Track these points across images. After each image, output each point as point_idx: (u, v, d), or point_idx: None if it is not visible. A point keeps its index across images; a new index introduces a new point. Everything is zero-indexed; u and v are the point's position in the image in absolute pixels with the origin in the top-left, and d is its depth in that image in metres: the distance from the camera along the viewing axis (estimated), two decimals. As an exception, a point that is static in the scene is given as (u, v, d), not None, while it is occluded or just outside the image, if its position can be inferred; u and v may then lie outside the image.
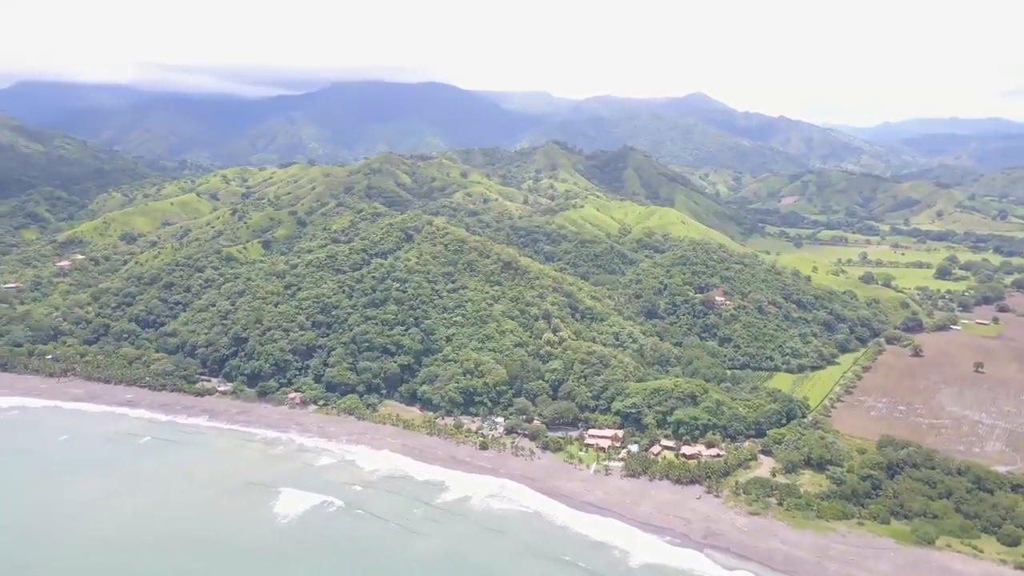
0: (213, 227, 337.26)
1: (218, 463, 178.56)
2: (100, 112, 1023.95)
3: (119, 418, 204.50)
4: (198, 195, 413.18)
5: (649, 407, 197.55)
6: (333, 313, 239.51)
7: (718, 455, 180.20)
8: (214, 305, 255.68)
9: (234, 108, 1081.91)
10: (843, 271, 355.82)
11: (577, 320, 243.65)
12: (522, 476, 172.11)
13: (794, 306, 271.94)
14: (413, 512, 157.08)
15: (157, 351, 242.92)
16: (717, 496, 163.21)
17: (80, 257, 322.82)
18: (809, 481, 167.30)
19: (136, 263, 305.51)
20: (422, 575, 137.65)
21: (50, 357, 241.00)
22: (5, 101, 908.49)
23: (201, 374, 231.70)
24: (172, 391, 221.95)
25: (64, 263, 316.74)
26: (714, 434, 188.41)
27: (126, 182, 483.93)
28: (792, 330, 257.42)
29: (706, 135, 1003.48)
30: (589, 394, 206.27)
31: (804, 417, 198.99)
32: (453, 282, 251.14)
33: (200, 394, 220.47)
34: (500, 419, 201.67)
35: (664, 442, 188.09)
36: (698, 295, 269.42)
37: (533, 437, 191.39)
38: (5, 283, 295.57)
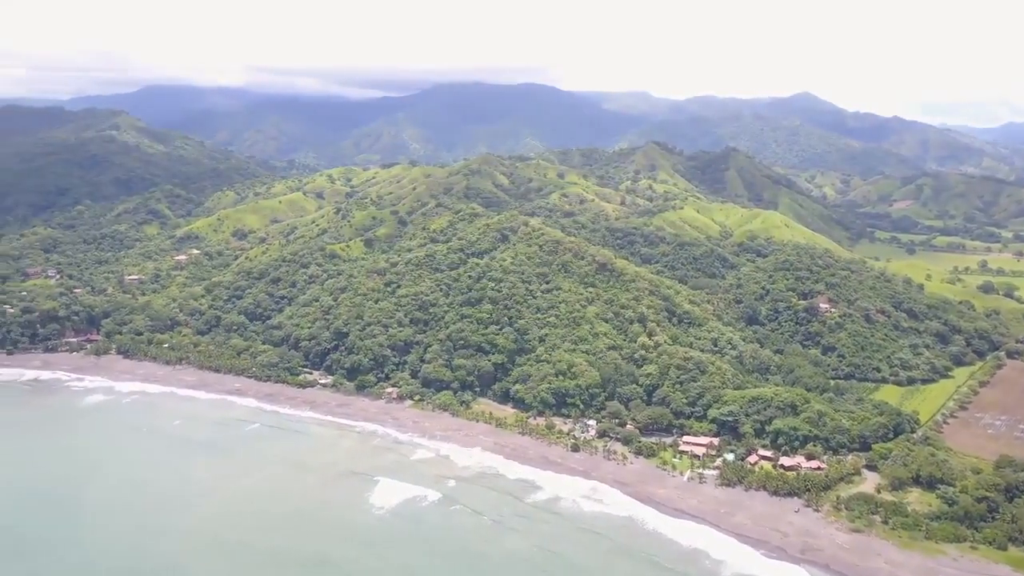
0: (318, 225, 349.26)
1: (319, 452, 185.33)
2: (216, 114, 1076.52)
3: (228, 406, 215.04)
4: (305, 194, 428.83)
5: (747, 415, 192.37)
6: (430, 311, 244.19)
7: (818, 468, 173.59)
8: (317, 300, 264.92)
9: (340, 110, 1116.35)
10: (960, 280, 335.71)
11: (674, 324, 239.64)
12: (614, 480, 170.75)
13: (904, 315, 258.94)
14: (505, 509, 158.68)
15: (263, 343, 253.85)
16: (816, 510, 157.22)
17: (196, 252, 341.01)
18: (917, 500, 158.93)
19: (246, 258, 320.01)
20: (516, 570, 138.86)
21: (167, 346, 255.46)
22: (132, 104, 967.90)
23: (304, 366, 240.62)
24: (276, 382, 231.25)
25: (181, 257, 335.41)
26: (815, 446, 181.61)
27: (239, 181, 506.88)
28: (902, 340, 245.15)
29: (812, 136, 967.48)
30: (684, 400, 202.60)
31: (913, 432, 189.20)
32: (547, 283, 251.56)
33: (303, 386, 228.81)
34: (592, 422, 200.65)
35: (761, 452, 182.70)
36: (801, 301, 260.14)
37: (626, 441, 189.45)
38: (129, 275, 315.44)
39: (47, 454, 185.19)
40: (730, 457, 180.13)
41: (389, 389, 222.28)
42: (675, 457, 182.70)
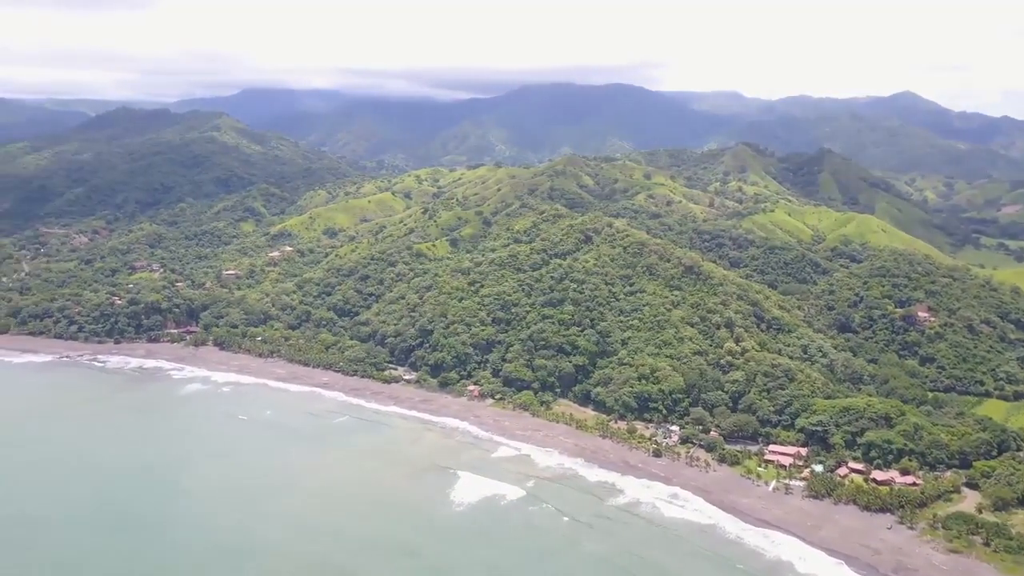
0: (406, 224, 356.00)
1: (404, 446, 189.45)
2: (310, 115, 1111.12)
3: (317, 398, 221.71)
4: (393, 194, 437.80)
5: (837, 426, 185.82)
6: (512, 311, 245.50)
7: (914, 484, 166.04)
8: (403, 298, 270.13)
9: (428, 111, 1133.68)
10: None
11: (762, 330, 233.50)
12: (696, 487, 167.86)
13: (1012, 326, 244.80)
14: (586, 510, 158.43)
15: (351, 338, 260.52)
16: (911, 528, 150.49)
17: (288, 249, 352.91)
18: (1023, 522, 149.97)
19: (336, 256, 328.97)
20: (597, 570, 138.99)
21: (260, 339, 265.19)
22: (232, 106, 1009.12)
23: (389, 362, 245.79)
24: (363, 377, 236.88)
25: (275, 254, 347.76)
26: (910, 460, 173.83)
27: (330, 180, 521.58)
28: (1008, 353, 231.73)
29: (913, 137, 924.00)
30: (772, 408, 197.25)
31: (1019, 450, 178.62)
32: (631, 285, 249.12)
33: (387, 381, 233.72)
34: (675, 427, 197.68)
35: (852, 465, 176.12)
36: (898, 309, 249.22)
37: (709, 448, 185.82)
38: (226, 270, 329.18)
39: (153, 437, 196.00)
40: (818, 468, 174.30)
41: (471, 387, 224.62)
42: (760, 466, 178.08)
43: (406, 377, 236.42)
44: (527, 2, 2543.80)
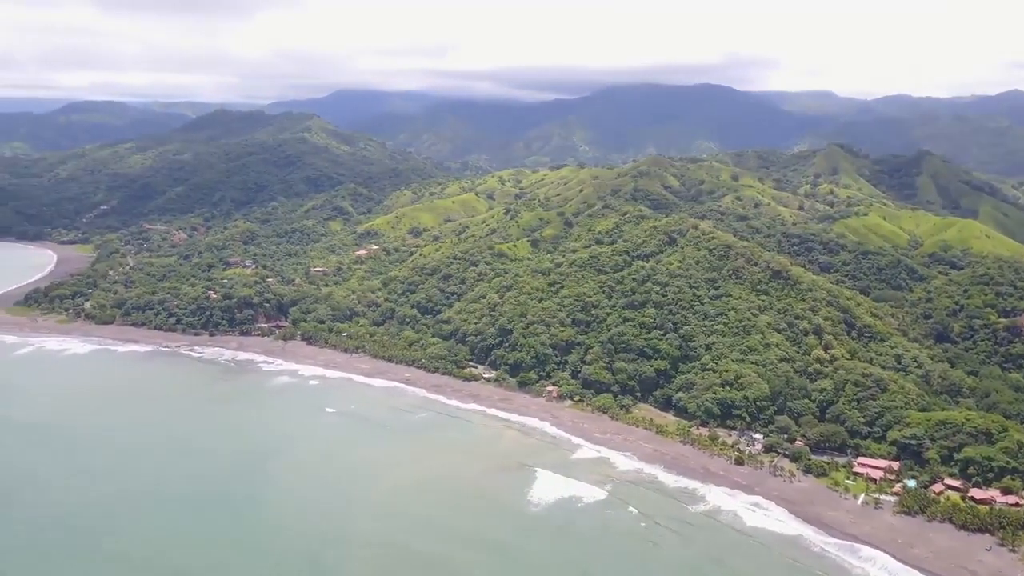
0: (488, 225, 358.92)
1: (483, 443, 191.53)
2: (398, 117, 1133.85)
3: (399, 393, 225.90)
4: (476, 194, 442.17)
5: (933, 440, 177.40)
6: (593, 312, 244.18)
7: (1017, 504, 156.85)
8: (484, 297, 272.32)
9: (513, 112, 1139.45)
10: None
11: (853, 338, 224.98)
12: (779, 497, 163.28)
13: None
14: (665, 515, 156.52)
15: (433, 336, 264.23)
16: (1013, 551, 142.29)
17: (374, 247, 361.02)
18: None
19: (420, 255, 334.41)
20: (679, 575, 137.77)
21: (345, 335, 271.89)
22: (324, 108, 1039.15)
23: (469, 360, 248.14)
24: (443, 374, 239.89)
25: (361, 252, 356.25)
26: (1013, 479, 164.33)
27: (415, 181, 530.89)
28: None
29: (1022, 139, 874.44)
30: (862, 419, 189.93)
31: None
32: (716, 289, 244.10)
33: (467, 379, 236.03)
34: (759, 435, 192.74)
35: (948, 481, 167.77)
36: (1002, 320, 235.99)
37: (794, 458, 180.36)
38: (314, 267, 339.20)
39: (245, 426, 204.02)
40: (911, 484, 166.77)
41: (550, 388, 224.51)
42: (848, 479, 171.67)
43: (485, 375, 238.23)
44: (616, 3, 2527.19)
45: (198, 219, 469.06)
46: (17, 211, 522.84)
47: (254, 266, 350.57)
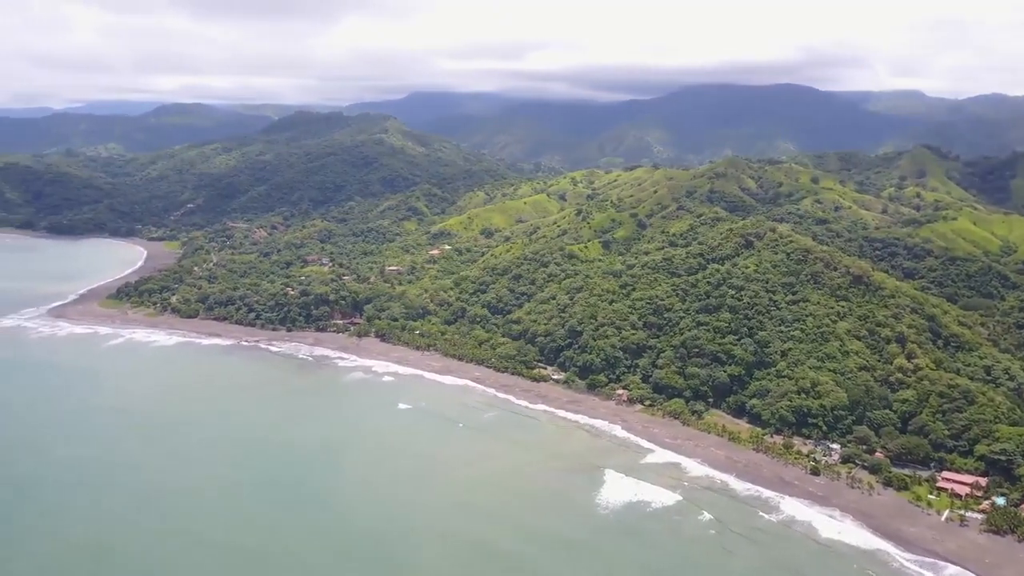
0: (559, 226, 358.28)
1: (552, 444, 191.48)
2: (473, 119, 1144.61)
3: (469, 391, 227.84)
4: (548, 195, 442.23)
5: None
6: (665, 315, 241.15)
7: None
8: (554, 298, 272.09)
9: (586, 113, 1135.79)
10: None
11: (938, 347, 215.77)
12: (857, 510, 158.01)
13: None
14: (738, 522, 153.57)
15: (502, 336, 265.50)
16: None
17: (447, 247, 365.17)
18: None
19: (491, 255, 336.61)
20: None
21: (418, 332, 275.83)
22: (400, 110, 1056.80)
23: (538, 361, 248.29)
24: (512, 374, 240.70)
25: (434, 252, 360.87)
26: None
27: (488, 182, 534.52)
28: None
29: None
30: (947, 432, 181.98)
31: None
32: (794, 293, 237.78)
33: (536, 380, 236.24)
34: (836, 445, 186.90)
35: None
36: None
37: (873, 470, 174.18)
38: (389, 266, 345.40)
39: (321, 420, 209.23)
40: (1000, 501, 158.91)
41: (619, 391, 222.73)
42: (931, 494, 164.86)
43: (554, 377, 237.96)
44: (693, 1, 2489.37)
45: (278, 217, 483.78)
46: (111, 208, 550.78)
47: (331, 264, 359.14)
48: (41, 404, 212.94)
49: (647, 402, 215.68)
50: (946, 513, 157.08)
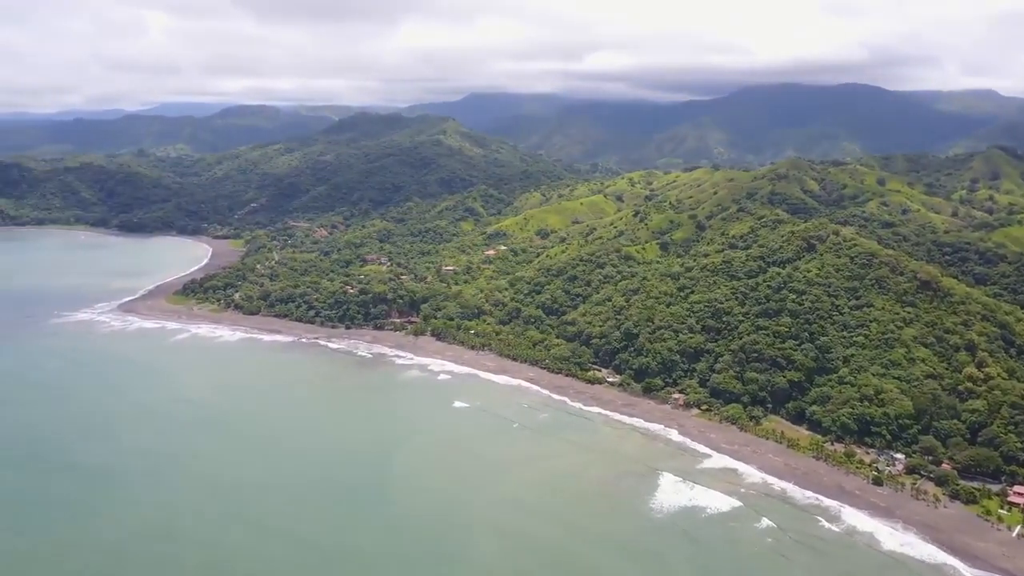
0: (616, 227, 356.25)
1: (607, 446, 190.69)
2: (531, 120, 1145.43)
3: (523, 392, 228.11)
4: (605, 196, 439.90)
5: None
6: (723, 319, 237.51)
7: None
8: (610, 300, 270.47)
9: (645, 114, 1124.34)
10: None
11: (1011, 356, 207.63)
12: (921, 522, 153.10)
13: None
14: (796, 530, 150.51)
15: (557, 337, 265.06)
16: None
17: (503, 248, 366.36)
18: None
19: (547, 256, 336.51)
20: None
21: (473, 332, 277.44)
22: (459, 111, 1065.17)
23: (593, 363, 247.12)
24: (567, 375, 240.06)
25: (490, 252, 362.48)
26: None
27: (544, 183, 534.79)
28: None
29: None
30: (1020, 444, 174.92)
31: None
32: (857, 298, 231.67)
33: (591, 382, 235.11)
34: (900, 455, 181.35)
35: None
36: None
37: (939, 482, 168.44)
38: (445, 266, 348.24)
39: (379, 417, 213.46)
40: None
41: (676, 395, 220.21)
42: (1002, 508, 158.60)
43: (609, 379, 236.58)
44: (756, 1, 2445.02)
45: (338, 217, 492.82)
46: (179, 207, 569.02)
47: (389, 263, 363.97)
48: (112, 395, 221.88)
49: (704, 407, 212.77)
50: (1018, 529, 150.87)
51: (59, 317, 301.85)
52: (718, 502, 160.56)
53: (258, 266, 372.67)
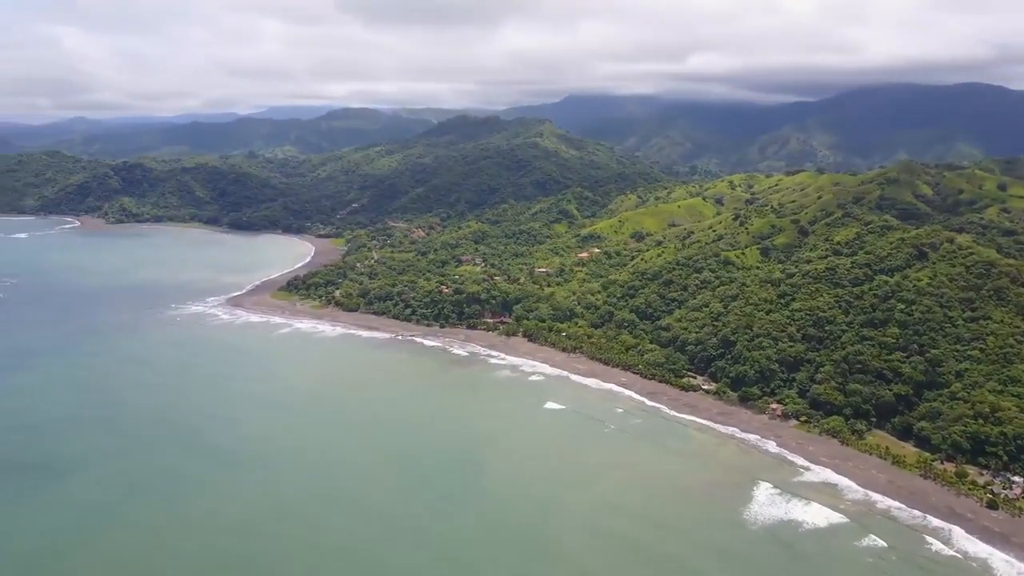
0: (714, 231, 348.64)
1: (702, 454, 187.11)
2: (629, 121, 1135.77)
3: (615, 396, 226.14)
4: (704, 199, 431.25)
5: None
6: (826, 328, 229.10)
7: None
8: (707, 306, 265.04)
9: (747, 115, 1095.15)
10: None
11: None
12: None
13: None
14: (900, 551, 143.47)
15: (651, 342, 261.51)
16: None
17: (596, 251, 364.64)
18: None
19: (642, 259, 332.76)
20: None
21: (564, 334, 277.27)
22: (556, 113, 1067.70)
23: (687, 370, 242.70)
24: (660, 381, 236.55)
25: (583, 255, 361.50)
26: None
27: (641, 185, 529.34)
28: None
29: None
30: None
31: None
32: (973, 310, 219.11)
33: (685, 389, 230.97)
34: (1018, 478, 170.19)
35: None
36: None
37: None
38: (538, 268, 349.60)
39: (473, 412, 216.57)
40: None
41: (774, 405, 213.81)
42: None
43: (704, 387, 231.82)
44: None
45: (435, 218, 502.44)
46: (285, 207, 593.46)
47: (483, 264, 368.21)
48: (228, 383, 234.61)
49: (803, 418, 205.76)
50: None
51: (175, 309, 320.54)
52: (817, 516, 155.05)
53: (358, 264, 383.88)
